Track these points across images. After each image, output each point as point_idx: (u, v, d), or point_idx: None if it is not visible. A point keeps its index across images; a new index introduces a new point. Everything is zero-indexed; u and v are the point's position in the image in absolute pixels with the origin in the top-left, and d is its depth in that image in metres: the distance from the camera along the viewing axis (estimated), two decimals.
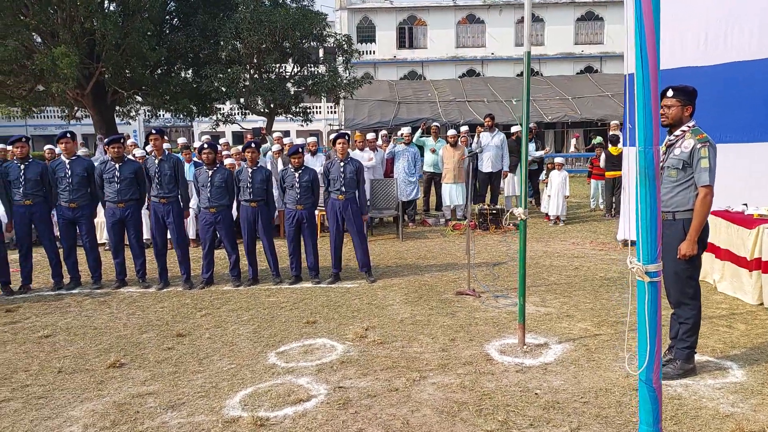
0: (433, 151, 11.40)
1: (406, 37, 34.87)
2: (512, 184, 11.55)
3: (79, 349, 5.09)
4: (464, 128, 12.04)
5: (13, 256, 7.77)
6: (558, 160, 11.24)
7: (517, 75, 32.54)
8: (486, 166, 11.16)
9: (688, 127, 4.01)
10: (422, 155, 11.51)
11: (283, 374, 4.37)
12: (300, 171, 6.97)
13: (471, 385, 4.06)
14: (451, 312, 5.77)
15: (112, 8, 16.45)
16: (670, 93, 3.99)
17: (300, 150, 7.03)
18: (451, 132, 11.06)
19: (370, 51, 34.38)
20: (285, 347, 4.94)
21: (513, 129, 11.84)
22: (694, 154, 3.92)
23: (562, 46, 34.14)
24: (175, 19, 19.18)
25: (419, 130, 11.93)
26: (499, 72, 32.66)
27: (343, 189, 7.00)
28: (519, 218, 4.61)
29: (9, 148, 7.36)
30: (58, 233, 7.19)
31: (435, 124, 12.47)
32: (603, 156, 11.65)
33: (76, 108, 18.97)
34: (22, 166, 6.80)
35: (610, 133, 12.55)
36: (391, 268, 7.79)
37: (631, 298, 5.97)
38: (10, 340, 5.38)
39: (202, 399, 4.00)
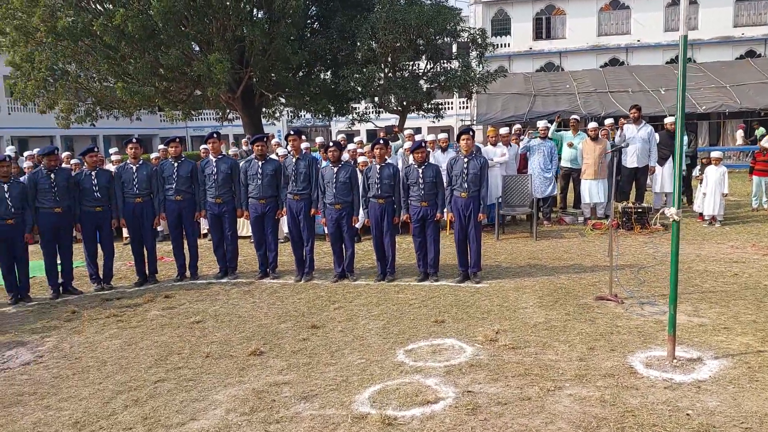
0: (571, 146, 10.83)
1: (543, 27, 33.57)
2: (662, 180, 10.64)
3: (225, 335, 5.44)
4: (608, 121, 11.32)
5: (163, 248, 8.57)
6: (715, 154, 10.16)
7: (667, 62, 30.08)
8: (630, 160, 10.39)
9: None
10: (559, 150, 10.98)
11: (412, 373, 4.35)
12: (423, 167, 6.92)
13: (612, 399, 3.76)
14: (590, 318, 5.42)
15: (260, 16, 17.53)
16: None
17: (423, 145, 6.99)
18: (592, 125, 10.43)
19: (505, 44, 33.56)
20: (413, 345, 4.92)
21: (667, 120, 10.90)
22: None
23: (718, 29, 30.98)
24: (316, 23, 20.01)
25: (554, 123, 11.39)
26: (646, 60, 30.37)
27: (466, 186, 6.83)
28: (671, 219, 4.19)
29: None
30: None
31: (574, 117, 11.84)
32: None
33: (228, 110, 20.49)
34: (176, 164, 7.43)
35: None
36: (523, 268, 7.51)
37: None
38: (167, 324, 5.90)
39: (333, 392, 4.09)
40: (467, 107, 34.24)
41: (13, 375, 4.69)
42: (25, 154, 11.82)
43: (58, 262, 7.19)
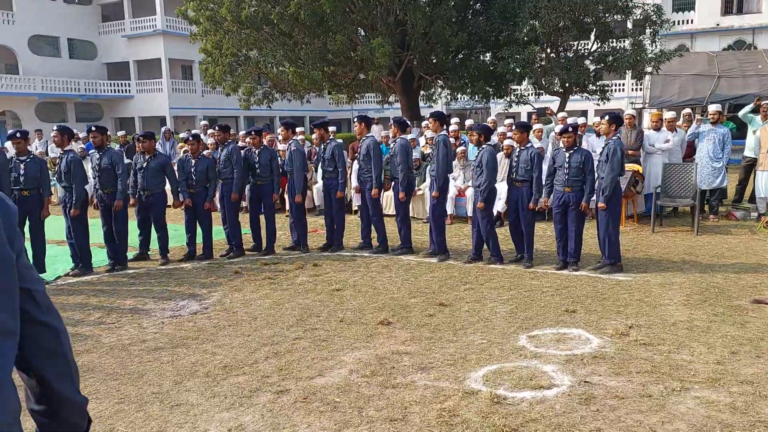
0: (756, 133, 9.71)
1: (734, 1, 29.89)
2: None
3: (360, 304, 5.84)
4: (766, 103, 9.94)
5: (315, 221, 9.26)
6: None
7: None
8: None
9: None
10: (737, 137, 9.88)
11: (530, 358, 4.36)
12: (571, 151, 6.69)
13: (744, 407, 3.48)
14: (740, 321, 4.97)
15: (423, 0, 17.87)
16: None
17: (571, 129, 6.76)
18: None
19: (687, 20, 30.47)
20: (538, 332, 4.90)
21: None
22: None
23: None
24: (477, 4, 19.86)
25: (750, 105, 10.22)
26: None
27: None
28: None
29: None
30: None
31: (766, 102, 10.57)
32: None
33: (388, 94, 21.20)
34: (323, 146, 8.00)
35: None
36: (675, 263, 6.99)
37: None
38: (311, 289, 6.45)
39: (449, 367, 4.25)
40: (640, 89, 31.80)
41: (183, 322, 5.50)
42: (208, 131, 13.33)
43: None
